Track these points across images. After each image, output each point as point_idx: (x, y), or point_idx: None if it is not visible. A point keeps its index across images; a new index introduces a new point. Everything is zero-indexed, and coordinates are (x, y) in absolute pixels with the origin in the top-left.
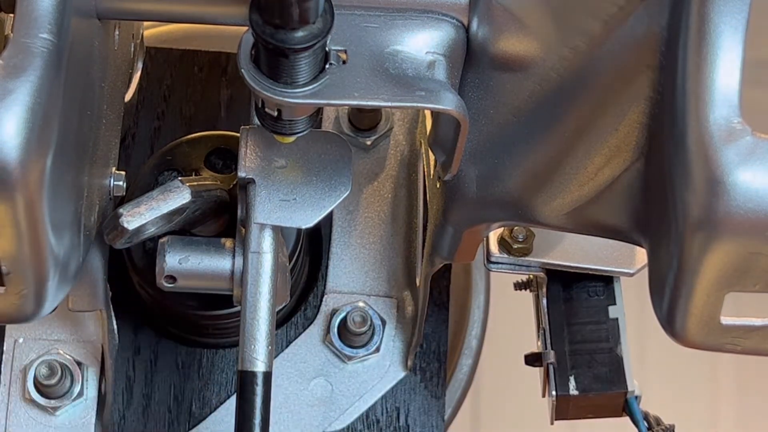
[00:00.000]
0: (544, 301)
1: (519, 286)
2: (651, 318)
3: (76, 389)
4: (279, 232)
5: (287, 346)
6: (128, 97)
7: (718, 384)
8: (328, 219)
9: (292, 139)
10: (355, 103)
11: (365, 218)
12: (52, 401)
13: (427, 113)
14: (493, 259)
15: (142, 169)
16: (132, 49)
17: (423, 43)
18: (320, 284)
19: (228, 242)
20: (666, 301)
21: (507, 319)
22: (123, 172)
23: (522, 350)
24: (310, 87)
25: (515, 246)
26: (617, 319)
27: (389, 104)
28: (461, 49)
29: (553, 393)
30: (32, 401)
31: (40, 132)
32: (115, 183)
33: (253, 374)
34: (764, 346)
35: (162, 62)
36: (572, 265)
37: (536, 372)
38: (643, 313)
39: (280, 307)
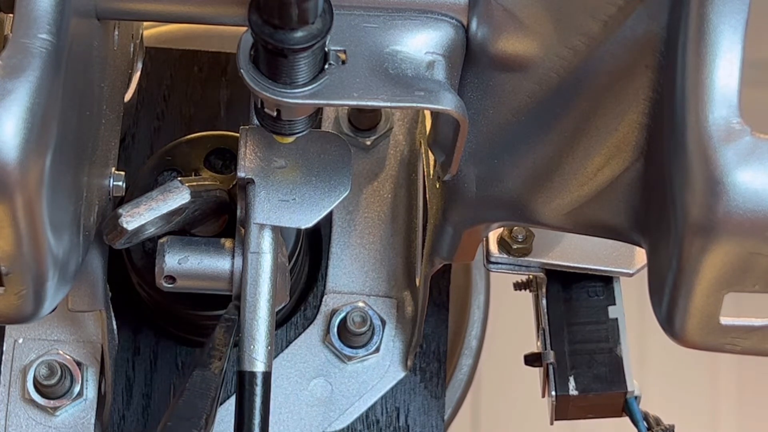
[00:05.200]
0: (544, 301)
1: (519, 286)
2: (651, 318)
3: (76, 389)
4: (278, 232)
5: (287, 347)
6: (128, 97)
7: (718, 384)
8: (328, 219)
9: (291, 139)
10: (354, 103)
11: (365, 218)
12: (52, 401)
13: (427, 113)
14: (492, 260)
15: (142, 169)
16: (131, 49)
17: (422, 44)
18: (320, 284)
19: (227, 242)
20: (665, 302)
21: (507, 319)
22: (122, 172)
23: (522, 350)
24: (310, 87)
25: (515, 246)
26: (617, 319)
27: (388, 104)
28: (460, 49)
29: (553, 393)
30: (32, 401)
31: (39, 132)
32: (115, 183)
33: (253, 374)
34: (764, 346)
35: (162, 62)
36: (572, 265)
37: (536, 372)
38: (643, 313)
39: (280, 307)
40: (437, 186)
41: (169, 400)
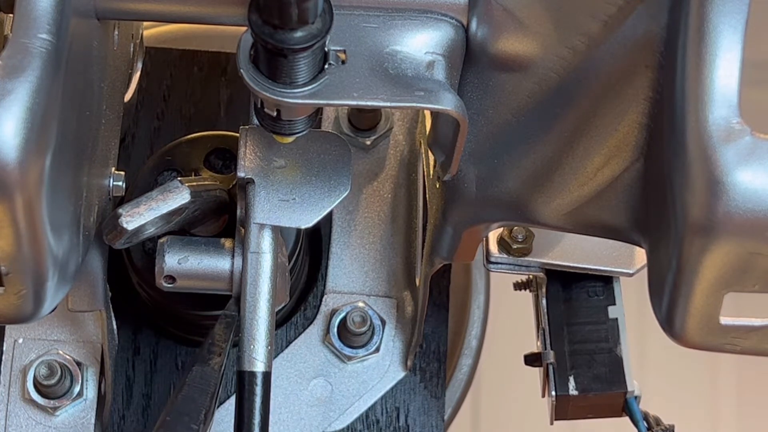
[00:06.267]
0: (544, 301)
1: (519, 286)
2: (651, 318)
3: (76, 389)
4: (278, 232)
5: (287, 346)
6: (128, 97)
7: (717, 384)
8: (328, 219)
9: (291, 139)
10: (354, 103)
11: (365, 218)
12: (52, 401)
13: (427, 113)
14: (492, 259)
15: (142, 169)
16: (131, 49)
17: (422, 44)
18: (320, 284)
19: (227, 242)
20: (665, 302)
21: (507, 319)
22: (122, 172)
23: (522, 350)
24: (309, 87)
25: (515, 246)
26: (617, 319)
27: (388, 104)
28: (460, 49)
29: (553, 393)
30: (32, 401)
31: (38, 132)
32: (115, 183)
33: (253, 374)
34: (763, 346)
35: (162, 62)
36: (572, 265)
37: (536, 372)
38: (643, 313)
39: (280, 307)
40: (437, 186)
41: None
